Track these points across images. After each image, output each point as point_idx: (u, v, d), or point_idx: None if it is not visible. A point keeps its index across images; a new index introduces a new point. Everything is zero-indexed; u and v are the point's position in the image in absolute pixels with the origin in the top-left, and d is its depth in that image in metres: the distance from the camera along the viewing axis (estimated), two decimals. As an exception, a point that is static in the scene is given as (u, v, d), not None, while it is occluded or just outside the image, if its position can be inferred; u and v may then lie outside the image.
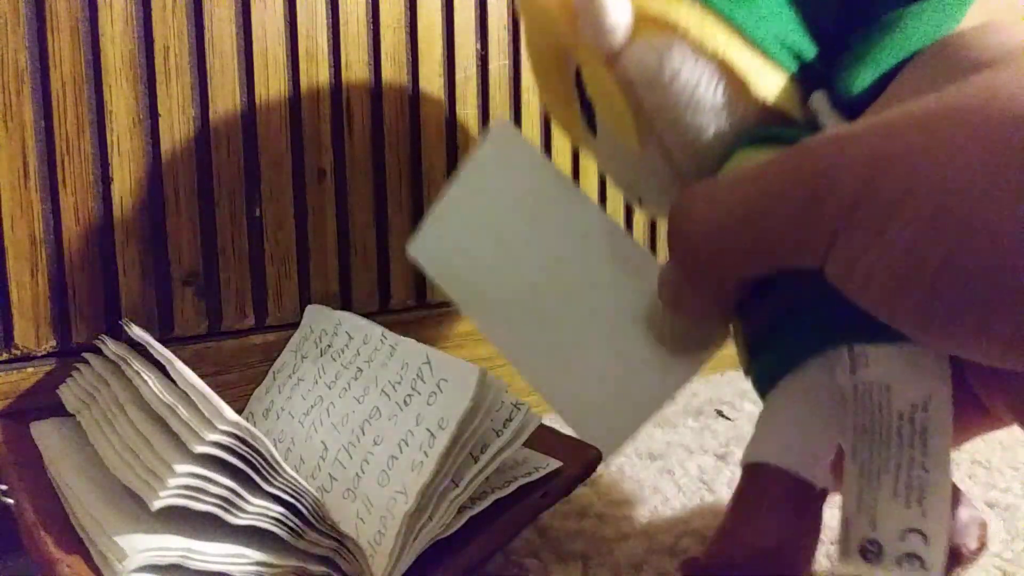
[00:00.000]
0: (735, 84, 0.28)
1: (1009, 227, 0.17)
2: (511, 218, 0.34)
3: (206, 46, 0.39)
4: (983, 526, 0.30)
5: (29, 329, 0.36)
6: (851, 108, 0.27)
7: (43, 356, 0.37)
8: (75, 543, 0.25)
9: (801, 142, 0.22)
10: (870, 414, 0.25)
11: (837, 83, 0.27)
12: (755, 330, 0.29)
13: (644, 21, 0.28)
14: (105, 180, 0.38)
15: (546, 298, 0.33)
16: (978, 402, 0.26)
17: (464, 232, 0.35)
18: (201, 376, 0.29)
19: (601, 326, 0.32)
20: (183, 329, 0.40)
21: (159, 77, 0.38)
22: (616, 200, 0.54)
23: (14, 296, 0.36)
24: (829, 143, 0.21)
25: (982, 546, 0.29)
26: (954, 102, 0.19)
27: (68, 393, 0.35)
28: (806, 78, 0.29)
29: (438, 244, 0.36)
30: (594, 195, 0.53)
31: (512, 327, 0.34)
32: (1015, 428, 0.25)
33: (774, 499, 0.26)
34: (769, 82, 0.28)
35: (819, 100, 0.28)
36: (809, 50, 0.29)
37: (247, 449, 0.25)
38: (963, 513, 0.29)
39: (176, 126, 0.39)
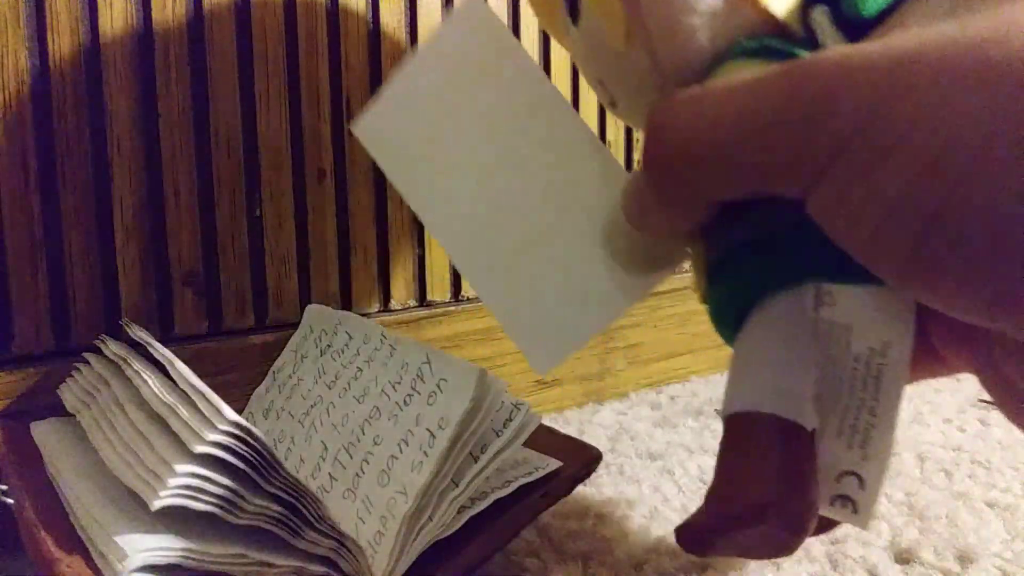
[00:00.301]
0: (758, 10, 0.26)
1: (1011, 181, 0.17)
2: (470, 106, 0.31)
3: (206, 46, 0.39)
4: None
5: (29, 329, 0.36)
6: (855, 29, 0.25)
7: (43, 356, 0.37)
8: (75, 543, 0.25)
9: (802, 59, 0.21)
10: (827, 353, 0.24)
11: (844, 1, 0.25)
12: (718, 257, 0.27)
13: None
14: (105, 180, 0.38)
15: (499, 198, 0.31)
16: (931, 348, 0.26)
17: (418, 116, 0.32)
18: (201, 376, 0.29)
19: (554, 234, 0.30)
20: (183, 329, 0.40)
21: (159, 77, 0.38)
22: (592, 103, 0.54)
23: (14, 296, 0.36)
24: (834, 64, 0.20)
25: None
26: (973, 35, 0.18)
27: (68, 393, 0.35)
28: None
29: (388, 124, 0.33)
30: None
31: (458, 224, 0.31)
32: (1015, 429, 0.25)
33: (767, 448, 0.24)
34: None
35: (820, 16, 0.26)
36: None
37: (247, 449, 0.25)
38: None
39: (176, 126, 0.39)
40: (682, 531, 0.27)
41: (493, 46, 0.31)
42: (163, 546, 0.24)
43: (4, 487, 0.30)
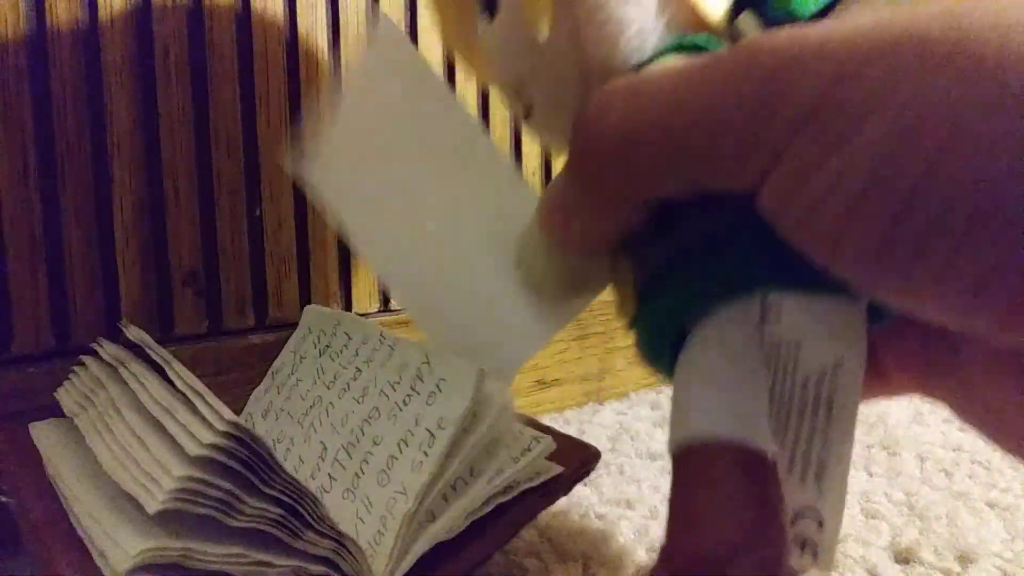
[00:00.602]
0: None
1: (999, 149, 0.15)
2: (394, 135, 0.30)
3: (206, 46, 0.39)
4: None
5: (29, 329, 0.36)
6: None
7: (43, 356, 0.37)
8: (75, 543, 0.25)
9: (751, 38, 0.19)
10: (774, 374, 0.21)
11: (775, 3, 0.23)
12: (648, 272, 0.24)
13: None
14: (105, 180, 0.38)
15: (425, 229, 0.30)
16: (881, 367, 0.24)
17: (347, 148, 0.31)
18: (201, 376, 0.29)
19: (475, 266, 0.29)
20: (183, 329, 0.40)
21: (159, 77, 0.38)
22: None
23: (14, 296, 0.36)
24: (788, 40, 0.18)
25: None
26: (936, 9, 0.16)
27: (65, 396, 0.35)
28: None
29: (321, 160, 0.32)
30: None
31: (392, 256, 0.31)
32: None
33: (730, 481, 0.21)
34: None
35: (747, 22, 0.24)
36: None
37: (245, 451, 0.25)
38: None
39: (176, 126, 0.39)
40: None
41: (407, 70, 0.31)
42: (162, 546, 0.24)
43: (4, 487, 0.30)
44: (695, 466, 0.21)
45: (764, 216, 0.19)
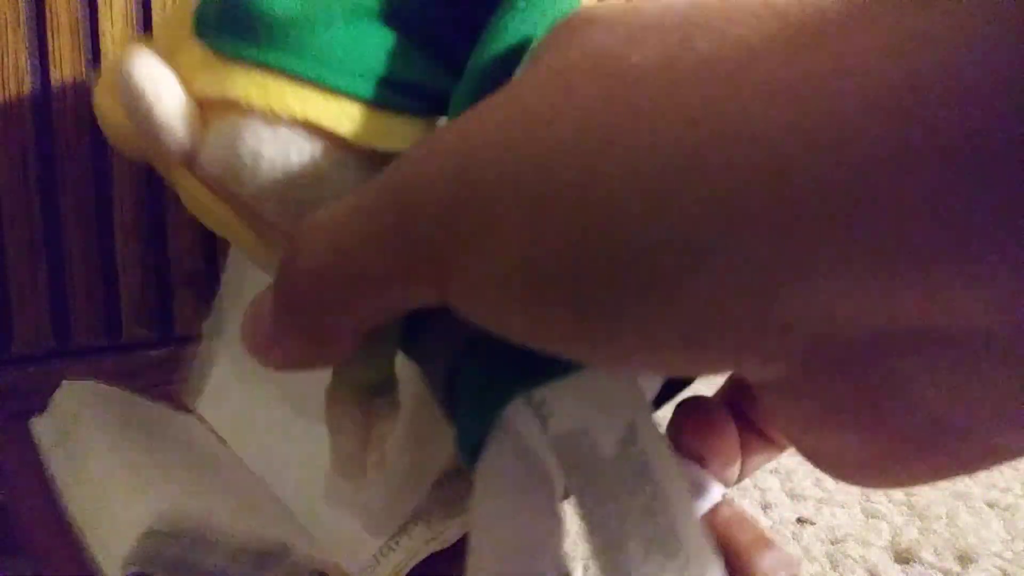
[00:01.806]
0: (333, 140, 0.23)
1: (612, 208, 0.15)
2: None
3: (206, 46, 0.39)
4: (792, 566, 0.24)
5: (29, 329, 0.36)
6: None
7: (43, 356, 0.37)
8: (73, 541, 0.25)
9: (386, 170, 0.19)
10: (583, 472, 0.20)
11: (452, 107, 0.23)
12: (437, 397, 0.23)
13: (208, 108, 0.23)
14: (105, 180, 0.38)
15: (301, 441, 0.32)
16: (752, 427, 0.24)
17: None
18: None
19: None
20: (183, 329, 0.40)
21: (159, 77, 0.38)
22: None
23: (14, 296, 0.36)
24: (413, 149, 0.18)
25: None
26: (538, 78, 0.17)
27: (42, 428, 0.33)
28: (432, 104, 0.24)
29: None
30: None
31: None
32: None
33: None
34: (374, 126, 0.23)
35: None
36: (426, 77, 0.24)
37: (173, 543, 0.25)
38: (765, 559, 0.23)
39: (176, 126, 0.39)
40: None
41: None
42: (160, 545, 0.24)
43: (1, 486, 0.30)
44: None
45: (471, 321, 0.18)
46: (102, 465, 0.28)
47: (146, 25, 0.38)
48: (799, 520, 0.37)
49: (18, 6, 0.35)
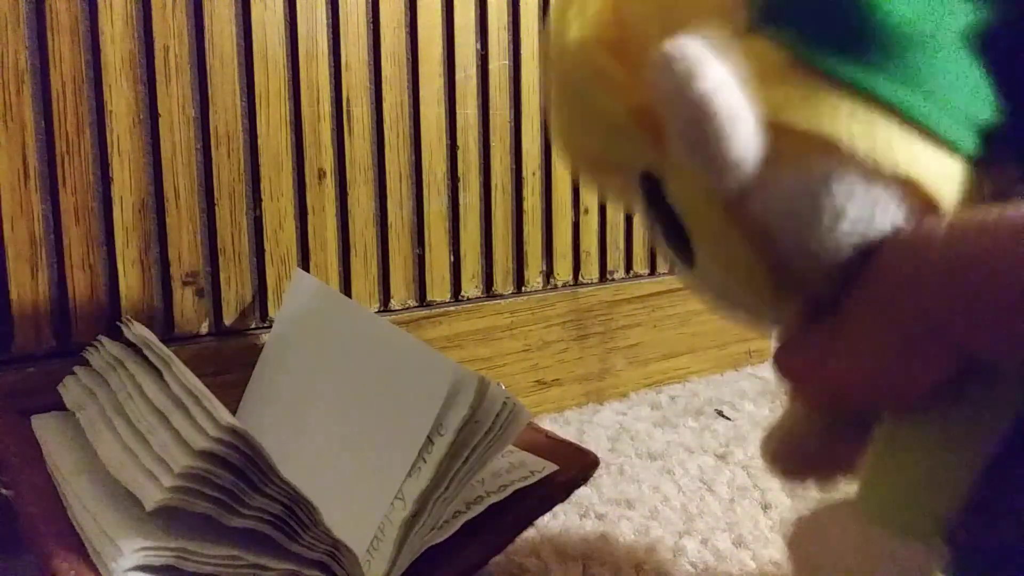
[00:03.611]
0: (920, 202, 0.19)
1: None
2: (312, 360, 0.35)
3: (206, 46, 0.39)
4: None
5: (29, 329, 0.36)
6: None
7: (43, 356, 0.37)
8: (73, 539, 0.25)
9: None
10: None
11: None
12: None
13: (784, 137, 0.18)
14: (105, 180, 0.38)
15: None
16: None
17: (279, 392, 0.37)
18: (201, 376, 0.29)
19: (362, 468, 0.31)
20: (183, 329, 0.40)
21: (159, 77, 0.38)
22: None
23: (14, 296, 0.36)
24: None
25: None
26: None
27: (68, 391, 0.35)
28: (996, 155, 0.19)
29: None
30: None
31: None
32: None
33: None
34: (965, 186, 0.19)
35: None
36: (1000, 119, 0.19)
37: (239, 456, 0.25)
38: None
39: (176, 126, 0.39)
40: None
41: (322, 305, 0.37)
42: (158, 545, 0.24)
43: (4, 480, 0.30)
44: None
45: None
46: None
47: (146, 25, 0.38)
48: (799, 520, 0.37)
49: (18, 6, 0.35)
